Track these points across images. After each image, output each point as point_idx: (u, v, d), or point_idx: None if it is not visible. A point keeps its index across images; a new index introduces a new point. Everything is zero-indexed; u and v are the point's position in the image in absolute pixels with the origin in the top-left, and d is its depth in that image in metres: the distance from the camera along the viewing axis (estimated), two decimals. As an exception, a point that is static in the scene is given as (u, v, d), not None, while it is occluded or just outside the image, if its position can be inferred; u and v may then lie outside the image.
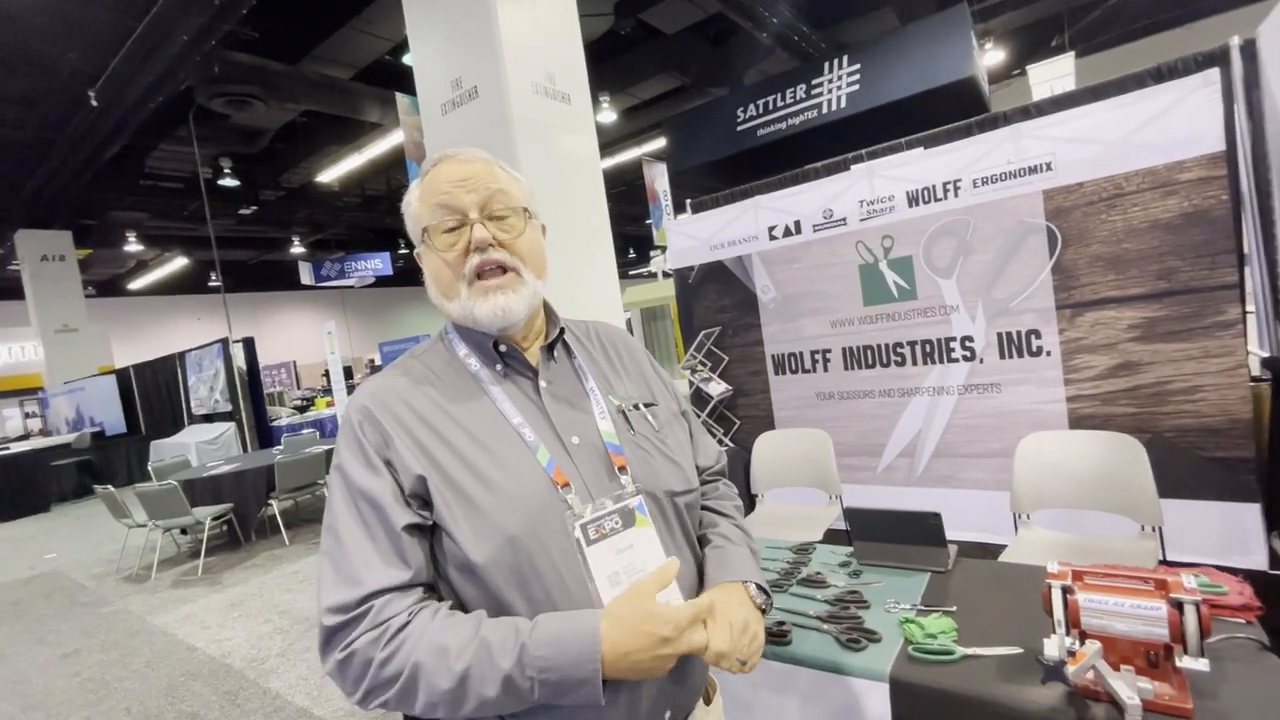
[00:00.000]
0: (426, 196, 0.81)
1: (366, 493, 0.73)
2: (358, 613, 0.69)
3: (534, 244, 0.84)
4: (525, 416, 0.80)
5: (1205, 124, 2.28)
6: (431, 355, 0.86)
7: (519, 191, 0.85)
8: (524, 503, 0.73)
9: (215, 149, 8.72)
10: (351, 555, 0.71)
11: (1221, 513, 2.39)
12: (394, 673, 0.66)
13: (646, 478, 0.82)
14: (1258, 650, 1.07)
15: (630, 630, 0.66)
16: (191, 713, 2.78)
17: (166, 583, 4.80)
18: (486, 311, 0.79)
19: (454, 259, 0.79)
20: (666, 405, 0.94)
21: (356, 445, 0.76)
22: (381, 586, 0.70)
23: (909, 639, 1.24)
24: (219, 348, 8.42)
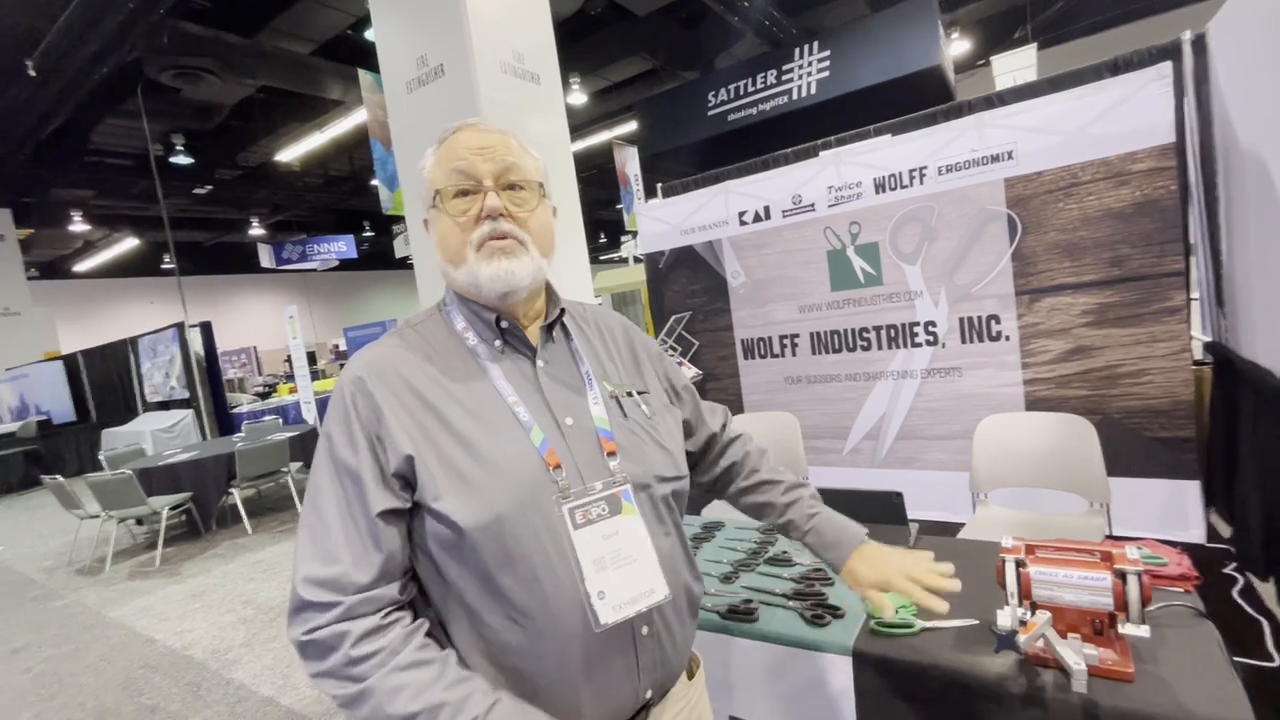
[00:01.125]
0: (443, 161, 0.81)
1: (350, 468, 0.73)
2: (331, 600, 0.69)
3: (544, 223, 0.84)
4: (520, 395, 0.80)
5: (1157, 116, 2.36)
6: (429, 326, 0.85)
7: (535, 168, 0.85)
8: (515, 481, 0.73)
9: (166, 124, 8.34)
10: (331, 528, 0.72)
11: (1164, 490, 2.52)
12: (348, 682, 0.68)
13: (637, 463, 0.82)
14: (1194, 617, 1.13)
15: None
16: (151, 705, 2.72)
17: (122, 575, 4.65)
18: (489, 274, 0.78)
19: (465, 223, 0.79)
20: (659, 394, 0.96)
21: (345, 418, 0.75)
22: (358, 582, 0.70)
23: (871, 614, 1.27)
24: (174, 332, 8.13)
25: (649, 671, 0.79)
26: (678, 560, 0.86)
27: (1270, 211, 2.11)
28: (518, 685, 0.74)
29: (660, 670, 0.81)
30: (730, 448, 1.11)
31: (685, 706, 0.87)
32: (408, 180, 3.30)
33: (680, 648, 0.85)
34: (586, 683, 0.74)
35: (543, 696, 0.74)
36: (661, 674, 0.81)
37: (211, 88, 6.91)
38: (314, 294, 18.77)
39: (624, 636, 0.76)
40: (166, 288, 15.00)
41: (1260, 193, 2.19)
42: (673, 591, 0.79)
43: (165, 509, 4.79)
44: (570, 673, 0.73)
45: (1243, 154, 2.32)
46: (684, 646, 0.86)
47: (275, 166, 10.35)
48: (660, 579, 0.78)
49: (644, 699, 0.80)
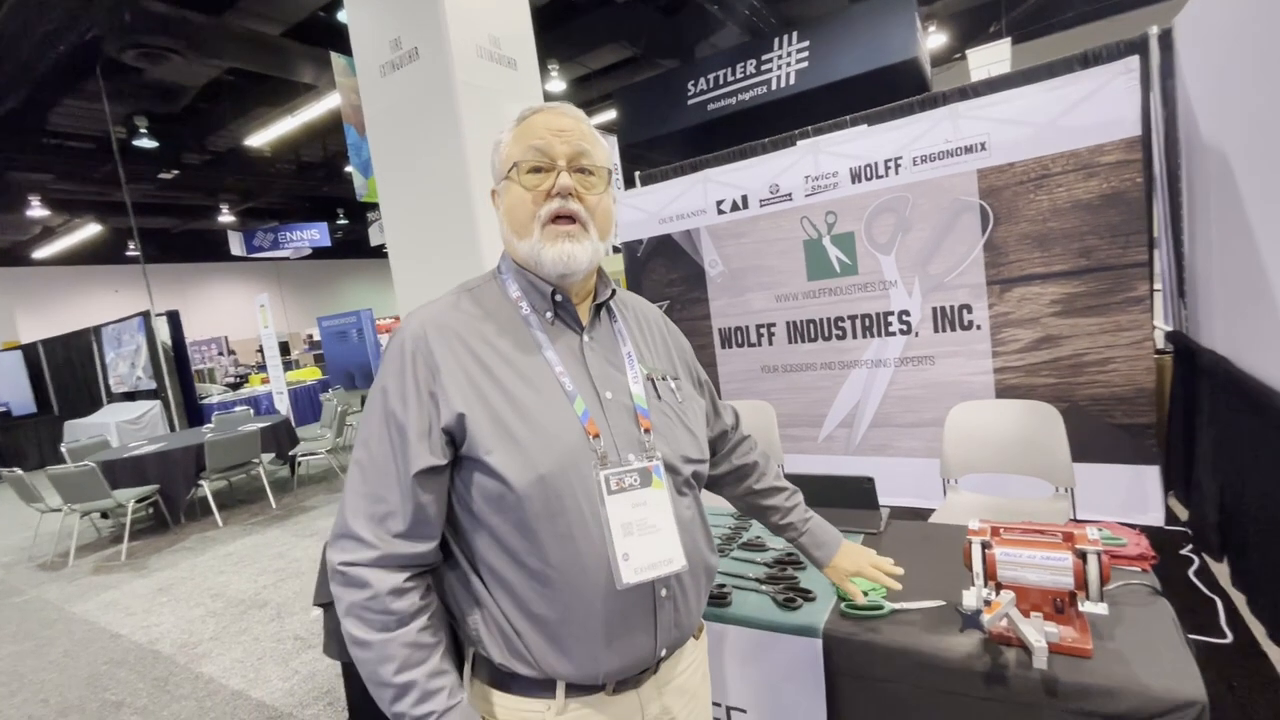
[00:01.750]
0: (522, 137, 0.86)
1: (399, 422, 0.79)
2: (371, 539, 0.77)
3: (607, 208, 0.89)
4: (566, 366, 0.85)
5: (1124, 109, 2.41)
6: (485, 291, 0.90)
7: (605, 156, 0.90)
8: (559, 445, 0.79)
9: (129, 106, 8.05)
10: (382, 469, 0.79)
11: (1126, 475, 2.59)
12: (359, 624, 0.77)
13: (668, 443, 0.88)
14: (1150, 595, 1.17)
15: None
16: (117, 701, 2.66)
17: (86, 569, 4.53)
18: (552, 256, 0.83)
19: (536, 197, 0.84)
20: (687, 382, 1.03)
21: (400, 372, 0.80)
22: (395, 529, 0.77)
23: (841, 597, 1.29)
24: (139, 321, 7.91)
25: (665, 631, 0.85)
26: (697, 535, 0.92)
27: (1230, 204, 2.17)
28: (542, 630, 0.79)
29: (675, 631, 0.87)
30: (741, 447, 1.22)
31: (692, 663, 0.96)
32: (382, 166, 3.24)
33: (694, 612, 0.91)
34: (605, 635, 0.80)
35: (565, 643, 0.79)
36: (675, 635, 0.88)
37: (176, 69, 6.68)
38: (286, 283, 18.38)
39: (645, 597, 0.82)
40: (132, 275, 14.55)
41: (1221, 186, 2.25)
42: (690, 562, 0.84)
43: (131, 502, 4.67)
44: (592, 625, 0.79)
45: (1205, 147, 2.38)
46: (697, 612, 0.93)
47: (245, 152, 10.05)
48: (679, 550, 0.82)
49: (659, 655, 0.86)
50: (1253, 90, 1.95)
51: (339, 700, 2.36)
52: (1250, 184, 2.04)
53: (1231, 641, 1.95)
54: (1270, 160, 1.88)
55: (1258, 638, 1.95)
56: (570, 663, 0.80)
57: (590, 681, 0.82)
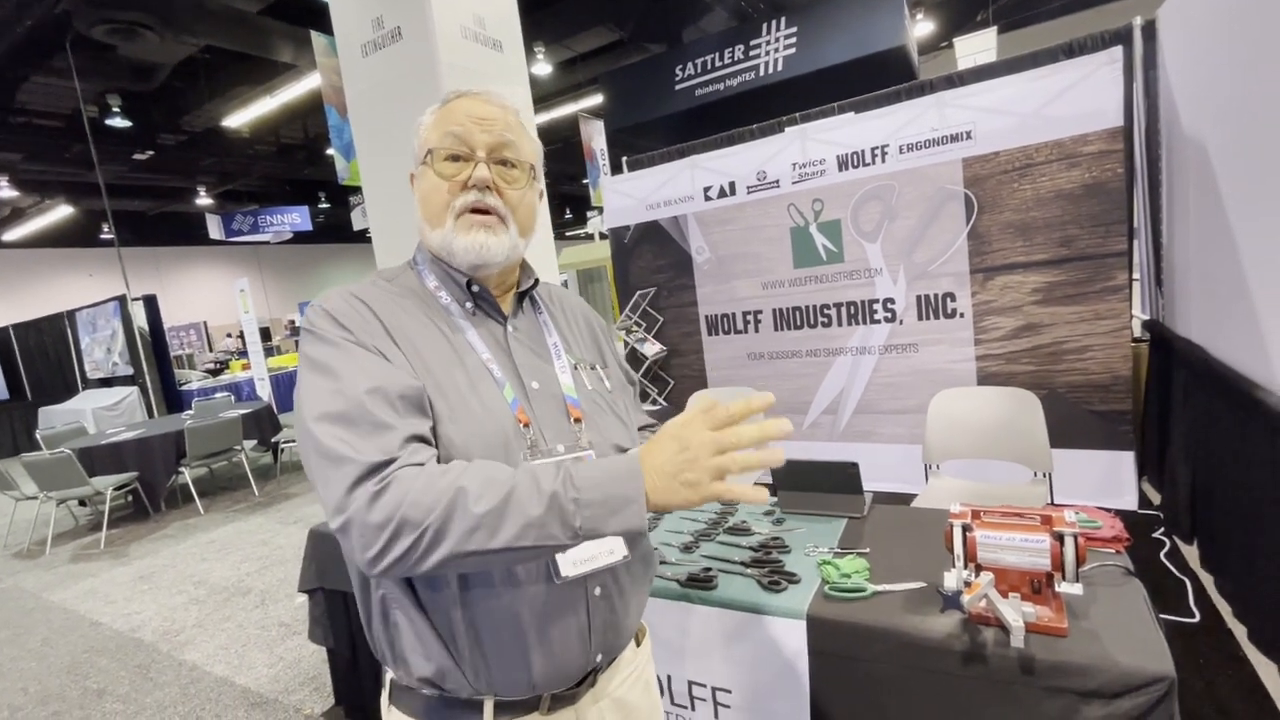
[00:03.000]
0: (442, 122, 0.81)
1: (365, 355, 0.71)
2: (405, 452, 0.65)
3: (529, 204, 0.85)
4: (492, 355, 0.81)
5: (1107, 100, 2.43)
6: (400, 282, 0.85)
7: (532, 150, 0.86)
8: (489, 431, 0.75)
9: (101, 84, 7.81)
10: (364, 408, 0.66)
11: (1102, 460, 2.65)
12: (435, 497, 0.61)
13: (599, 431, 0.84)
14: (1123, 575, 1.20)
15: (652, 447, 0.65)
16: (99, 689, 2.64)
17: (64, 557, 4.46)
18: (464, 245, 0.79)
19: (451, 187, 0.79)
20: (615, 371, 1.00)
21: (348, 318, 0.74)
22: (421, 431, 0.68)
23: (825, 579, 1.31)
24: (115, 306, 7.74)
25: (599, 634, 0.80)
26: None
27: (1208, 195, 2.20)
28: (467, 635, 0.73)
29: (610, 634, 0.82)
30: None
31: (633, 672, 0.89)
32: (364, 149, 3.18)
33: (631, 613, 0.86)
34: (538, 640, 0.75)
35: (492, 649, 0.74)
36: (611, 638, 0.82)
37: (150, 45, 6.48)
38: (267, 267, 18.07)
39: (577, 595, 0.77)
40: (106, 259, 14.22)
41: (1200, 176, 2.28)
42: (630, 553, 0.80)
43: (109, 489, 4.60)
44: (523, 628, 0.74)
45: (1185, 138, 2.41)
46: (635, 612, 0.88)
47: (222, 132, 9.82)
48: (619, 540, 0.78)
49: (594, 662, 0.80)
50: (1233, 82, 1.98)
51: (325, 685, 2.36)
52: (1228, 175, 2.07)
53: (1199, 621, 2.01)
54: (1248, 152, 1.91)
55: (1224, 617, 2.02)
56: (498, 671, 0.74)
57: (521, 695, 0.76)
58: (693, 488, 0.62)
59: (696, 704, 1.40)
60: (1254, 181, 1.88)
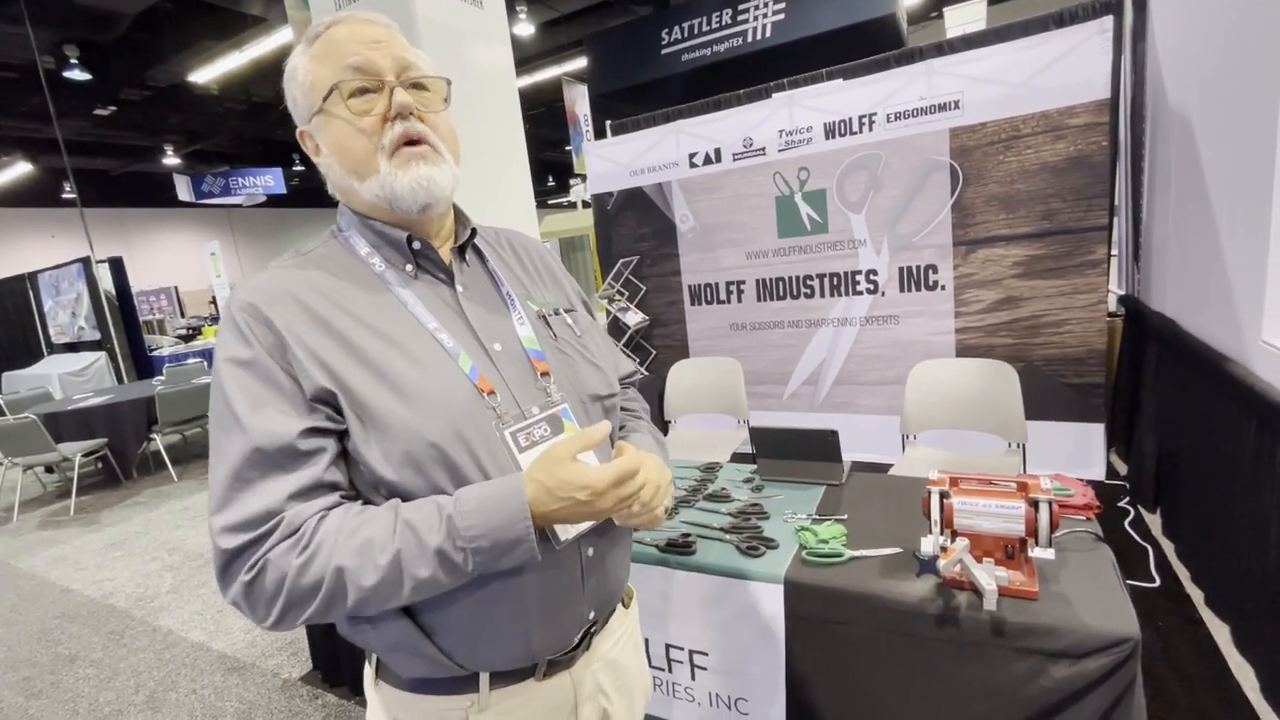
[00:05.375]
0: (329, 58, 0.70)
1: (255, 393, 0.64)
2: (266, 528, 0.61)
3: (452, 129, 0.77)
4: (442, 322, 0.73)
5: (1095, 71, 2.41)
6: (325, 252, 0.75)
7: (434, 68, 0.76)
8: (446, 407, 0.68)
9: (57, 33, 7.41)
10: (246, 461, 0.63)
11: (1073, 432, 2.70)
12: (315, 580, 0.60)
13: (570, 383, 0.79)
14: (1093, 541, 1.23)
15: (548, 495, 0.64)
16: (71, 655, 2.61)
17: (31, 524, 4.38)
18: (408, 184, 0.70)
19: (370, 125, 0.69)
20: (583, 313, 0.92)
21: (244, 343, 0.66)
22: (289, 492, 0.62)
23: (803, 545, 1.32)
24: (79, 268, 7.48)
25: (593, 593, 0.79)
26: None
27: (1190, 170, 2.21)
28: (462, 621, 0.70)
29: (601, 592, 0.80)
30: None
31: (623, 635, 0.88)
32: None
33: (619, 571, 0.85)
34: (539, 611, 0.72)
35: (491, 629, 0.71)
36: (602, 596, 0.81)
37: (108, -8, 6.15)
38: (240, 232, 17.57)
39: (572, 559, 0.75)
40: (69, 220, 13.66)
41: (1183, 152, 2.29)
42: None
43: (77, 455, 4.50)
44: (524, 602, 0.71)
45: (1170, 112, 2.41)
46: (622, 571, 0.86)
47: (189, 89, 9.40)
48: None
49: (588, 619, 0.79)
50: (1219, 54, 1.97)
51: (302, 650, 2.36)
52: (1210, 150, 2.08)
53: (1159, 585, 2.08)
54: (1231, 126, 1.92)
55: (1183, 582, 2.09)
56: (498, 649, 0.72)
57: (521, 664, 0.74)
58: (593, 517, 0.69)
59: (674, 666, 1.42)
60: (1235, 157, 1.89)
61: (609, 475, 0.65)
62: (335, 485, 0.66)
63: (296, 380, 0.65)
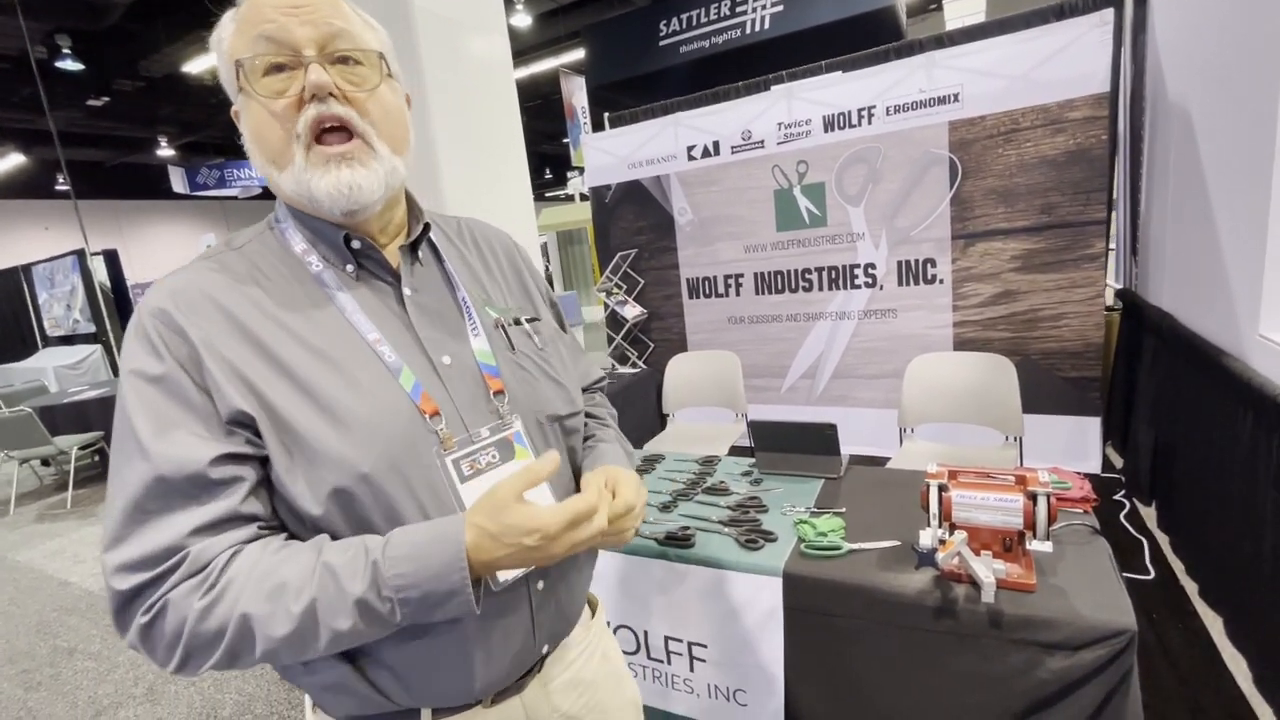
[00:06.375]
0: (245, 26, 0.60)
1: (163, 414, 0.56)
2: (166, 566, 0.54)
3: (392, 109, 0.66)
4: (384, 332, 0.65)
5: (1096, 64, 2.40)
6: (257, 247, 0.67)
7: (375, 39, 0.66)
8: (382, 434, 0.60)
9: (48, 22, 7.33)
10: (146, 494, 0.55)
11: (1068, 425, 2.71)
12: (219, 626, 0.53)
13: (528, 402, 0.72)
14: (1090, 534, 1.23)
15: (492, 541, 0.56)
16: (69, 648, 2.61)
17: (29, 517, 4.37)
18: (326, 188, 0.61)
19: (283, 109, 0.60)
20: (548, 320, 0.84)
21: (151, 354, 0.58)
22: (195, 525, 0.55)
23: (802, 538, 1.33)
24: (73, 260, 7.45)
25: (544, 627, 0.72)
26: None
27: (1189, 165, 2.21)
28: (403, 673, 0.64)
29: (556, 624, 0.74)
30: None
31: (585, 649, 0.80)
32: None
33: (577, 596, 0.78)
34: (481, 653, 0.65)
35: (432, 681, 0.65)
36: (558, 627, 0.75)
37: (100, -20, 6.08)
38: (235, 223, 17.47)
39: (519, 596, 0.68)
40: (63, 212, 13.59)
41: (1182, 146, 2.29)
42: None
43: (73, 449, 4.49)
44: (464, 646, 0.65)
45: (1169, 106, 2.41)
46: (581, 594, 0.79)
47: (183, 79, 9.32)
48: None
49: (540, 654, 0.73)
50: (1220, 50, 1.97)
51: (302, 643, 2.37)
52: (1209, 143, 2.08)
53: (1154, 578, 2.09)
54: (1230, 120, 1.91)
55: (1177, 574, 2.10)
56: (438, 688, 0.65)
57: (464, 701, 0.67)
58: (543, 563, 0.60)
59: (672, 658, 1.43)
60: (1234, 151, 1.89)
61: (562, 517, 0.57)
62: (253, 517, 0.58)
63: (212, 399, 0.57)
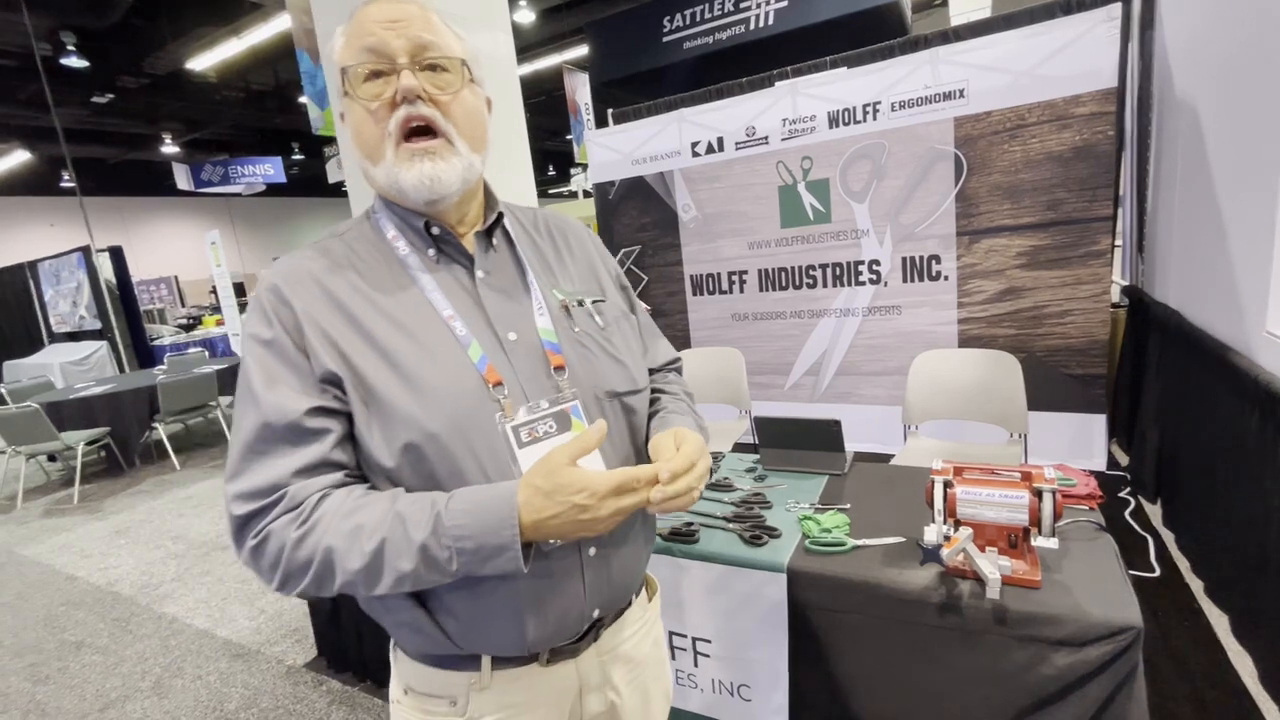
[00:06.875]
0: (351, 39, 0.71)
1: (273, 371, 0.68)
2: (271, 499, 0.65)
3: (473, 111, 0.75)
4: (457, 309, 0.74)
5: (1103, 59, 2.39)
6: (356, 234, 0.78)
7: (460, 47, 0.75)
8: (450, 400, 0.68)
9: (53, 19, 7.35)
10: (260, 435, 0.66)
11: (1074, 422, 2.70)
12: (307, 556, 0.63)
13: (587, 378, 0.77)
14: (1095, 530, 1.23)
15: (544, 498, 0.63)
16: (76, 642, 2.63)
17: (36, 512, 4.40)
18: (412, 179, 0.70)
19: (379, 109, 0.70)
20: (615, 302, 0.89)
21: (267, 323, 0.70)
22: (295, 468, 0.66)
23: (806, 534, 1.33)
24: (79, 257, 7.47)
25: (596, 592, 0.76)
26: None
27: (1196, 161, 2.20)
28: (456, 609, 0.71)
29: (609, 589, 0.78)
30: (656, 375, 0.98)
31: (642, 628, 0.86)
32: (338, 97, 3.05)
33: (631, 567, 0.82)
34: (531, 607, 0.71)
35: (483, 619, 0.71)
36: (610, 593, 0.79)
37: (105, -23, 6.09)
38: (240, 221, 17.52)
39: (570, 559, 0.73)
40: (68, 208, 13.64)
41: (1189, 142, 2.27)
42: None
43: (80, 444, 4.51)
44: (516, 598, 0.71)
45: (1177, 102, 2.39)
46: (635, 565, 0.83)
47: (188, 76, 9.34)
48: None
49: (591, 618, 0.77)
50: (1228, 46, 1.95)
51: (307, 637, 2.38)
52: (1217, 139, 2.06)
53: (1159, 575, 2.09)
54: (1238, 115, 1.90)
55: (1182, 572, 2.10)
56: (494, 638, 0.72)
57: (517, 653, 0.74)
58: (589, 531, 0.65)
59: (676, 654, 1.43)
60: (1241, 147, 1.88)
61: (610, 481, 0.63)
62: (340, 465, 0.68)
63: (309, 360, 0.68)
